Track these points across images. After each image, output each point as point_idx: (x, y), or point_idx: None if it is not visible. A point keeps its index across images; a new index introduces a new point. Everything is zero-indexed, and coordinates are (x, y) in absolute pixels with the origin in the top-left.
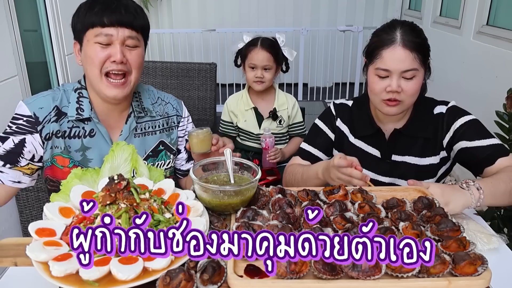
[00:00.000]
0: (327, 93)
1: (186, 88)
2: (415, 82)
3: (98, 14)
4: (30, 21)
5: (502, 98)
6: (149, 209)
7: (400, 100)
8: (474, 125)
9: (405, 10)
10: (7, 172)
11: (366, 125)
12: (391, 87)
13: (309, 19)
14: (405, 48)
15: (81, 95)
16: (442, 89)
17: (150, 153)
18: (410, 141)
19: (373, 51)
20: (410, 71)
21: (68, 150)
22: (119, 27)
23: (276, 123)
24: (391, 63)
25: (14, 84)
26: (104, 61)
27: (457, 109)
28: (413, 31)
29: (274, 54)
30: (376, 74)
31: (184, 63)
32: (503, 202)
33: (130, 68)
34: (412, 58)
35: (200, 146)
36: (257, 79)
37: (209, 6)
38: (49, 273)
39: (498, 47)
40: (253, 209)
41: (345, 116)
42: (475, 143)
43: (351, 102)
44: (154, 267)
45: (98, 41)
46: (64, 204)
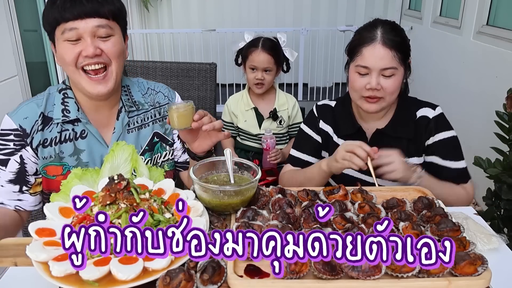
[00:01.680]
0: (327, 93)
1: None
2: (394, 80)
3: (59, 9)
4: (30, 21)
5: (502, 98)
6: (149, 209)
7: (380, 97)
8: (451, 144)
9: (405, 10)
10: (26, 199)
11: (348, 124)
12: (370, 84)
13: (309, 19)
14: (385, 46)
15: (66, 95)
16: (442, 89)
17: (146, 147)
18: (393, 142)
19: (354, 48)
20: (389, 69)
21: (60, 156)
22: (85, 18)
23: (276, 123)
24: (371, 61)
25: (14, 84)
26: (76, 58)
27: (443, 119)
28: (394, 30)
29: (275, 56)
30: (356, 71)
31: (184, 63)
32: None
33: (108, 59)
34: (392, 57)
35: (179, 121)
36: (257, 81)
37: (209, 6)
38: (49, 273)
39: (498, 47)
40: (253, 209)
41: (328, 117)
42: (446, 163)
43: (334, 103)
44: (154, 267)
45: (66, 38)
46: (64, 204)
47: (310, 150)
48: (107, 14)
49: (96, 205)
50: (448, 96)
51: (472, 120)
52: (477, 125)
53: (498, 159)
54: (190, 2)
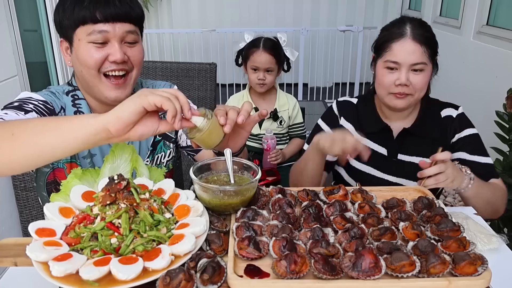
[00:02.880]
0: (327, 93)
1: (186, 88)
2: (424, 76)
3: (88, 8)
4: (30, 21)
5: (502, 98)
6: (149, 209)
7: (408, 94)
8: (476, 140)
9: (405, 10)
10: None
11: (372, 122)
12: (400, 80)
13: (309, 19)
14: (415, 41)
15: (76, 97)
16: (442, 89)
17: (150, 147)
18: (418, 142)
19: (383, 44)
20: (420, 64)
21: (77, 156)
22: (116, 22)
23: (277, 123)
24: (401, 56)
25: (14, 84)
26: (101, 62)
27: (466, 118)
28: (423, 26)
29: (276, 56)
30: (385, 66)
31: (184, 63)
32: (481, 204)
33: (132, 66)
34: (422, 52)
35: (209, 140)
36: (259, 81)
37: (209, 6)
38: (49, 273)
39: (498, 47)
40: (253, 209)
41: (350, 114)
42: (474, 158)
43: (355, 100)
44: (154, 267)
45: (92, 40)
46: (64, 204)
47: None
48: (135, 19)
49: (96, 205)
50: (448, 96)
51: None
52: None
53: (498, 159)
54: (190, 2)
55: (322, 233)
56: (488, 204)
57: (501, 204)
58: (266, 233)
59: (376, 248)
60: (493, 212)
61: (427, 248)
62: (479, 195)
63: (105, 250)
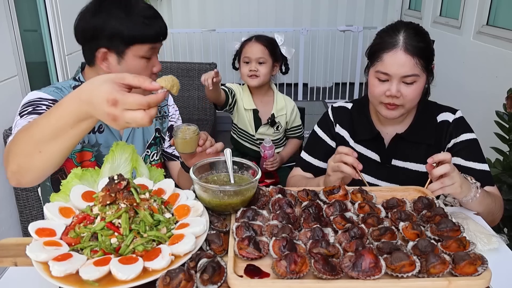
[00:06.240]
0: (327, 93)
1: (186, 88)
2: (415, 88)
3: (150, 28)
4: (30, 21)
5: (502, 98)
6: (149, 209)
7: (399, 105)
8: (473, 146)
9: (405, 10)
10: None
11: (365, 129)
12: (390, 91)
13: (309, 19)
14: (407, 53)
15: None
16: (442, 89)
17: (152, 141)
18: (412, 147)
19: (375, 53)
20: (411, 76)
21: (92, 144)
22: (162, 40)
23: (273, 129)
24: (392, 68)
25: (14, 84)
26: (150, 74)
27: (464, 122)
28: (417, 35)
29: (269, 48)
30: (376, 77)
31: (184, 63)
32: (484, 215)
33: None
34: (414, 64)
35: (184, 146)
36: (251, 72)
37: (209, 6)
38: (49, 273)
39: (498, 47)
40: (253, 209)
41: (344, 120)
42: (469, 164)
43: (350, 105)
44: (154, 267)
45: (143, 55)
46: (64, 204)
47: (322, 155)
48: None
49: (96, 205)
50: (448, 96)
51: (471, 120)
52: (477, 125)
53: (498, 159)
54: (190, 2)
55: (322, 233)
56: (489, 213)
57: (499, 214)
58: (266, 233)
59: (376, 248)
60: (491, 221)
61: (427, 248)
62: (483, 206)
63: (105, 250)
